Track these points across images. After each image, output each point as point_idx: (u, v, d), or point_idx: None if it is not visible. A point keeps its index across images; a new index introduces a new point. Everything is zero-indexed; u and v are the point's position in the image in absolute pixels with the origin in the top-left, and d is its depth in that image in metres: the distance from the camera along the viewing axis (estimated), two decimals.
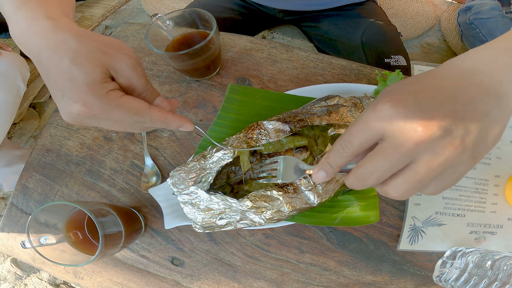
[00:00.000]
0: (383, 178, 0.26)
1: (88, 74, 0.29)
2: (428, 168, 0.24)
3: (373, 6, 0.86)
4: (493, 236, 0.51)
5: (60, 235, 0.41)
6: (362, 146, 0.26)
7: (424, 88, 0.26)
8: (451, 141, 0.24)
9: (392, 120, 0.24)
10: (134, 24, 0.67)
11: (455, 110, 0.24)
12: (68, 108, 0.29)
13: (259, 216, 0.42)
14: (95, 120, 0.31)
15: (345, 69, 0.58)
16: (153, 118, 0.32)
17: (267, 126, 0.44)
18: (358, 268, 0.49)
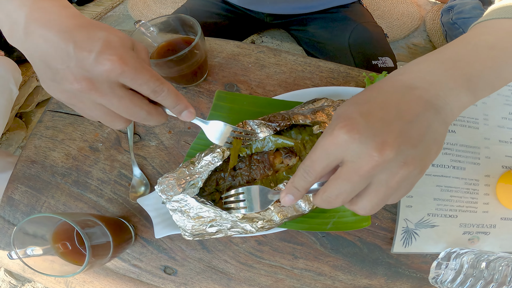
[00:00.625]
0: (348, 199, 0.29)
1: (124, 40, 0.31)
2: (388, 187, 0.27)
3: (360, 8, 0.86)
4: (486, 236, 0.51)
5: (47, 246, 0.40)
6: (324, 170, 0.29)
7: (373, 108, 0.28)
8: (403, 160, 0.26)
9: (349, 146, 0.27)
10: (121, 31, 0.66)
11: (402, 130, 0.27)
12: (98, 66, 0.29)
13: (250, 224, 0.41)
14: (111, 84, 0.30)
15: (333, 72, 0.58)
16: (171, 89, 0.33)
17: (251, 125, 0.44)
18: (353, 272, 0.49)
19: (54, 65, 0.29)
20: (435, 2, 1.37)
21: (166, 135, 0.55)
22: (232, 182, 0.47)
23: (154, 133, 0.55)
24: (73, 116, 0.57)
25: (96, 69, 0.29)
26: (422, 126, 0.27)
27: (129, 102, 0.31)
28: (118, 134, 0.56)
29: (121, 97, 0.31)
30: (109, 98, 0.30)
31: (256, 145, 0.45)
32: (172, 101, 0.33)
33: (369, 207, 0.29)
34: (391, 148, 0.26)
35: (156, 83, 0.31)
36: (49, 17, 0.29)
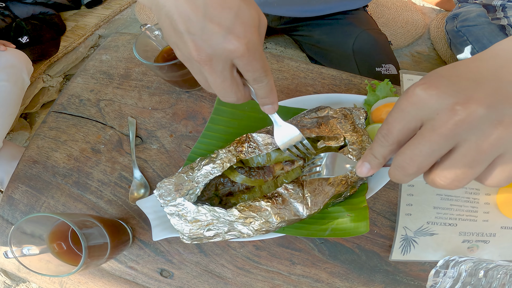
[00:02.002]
0: (426, 165, 0.24)
1: (254, 17, 0.30)
2: (478, 150, 0.22)
3: (364, 15, 0.87)
4: (486, 245, 0.50)
5: (43, 246, 0.40)
6: (402, 133, 0.25)
7: (461, 70, 0.24)
8: (499, 119, 0.21)
9: (426, 103, 0.23)
10: (125, 34, 0.67)
11: (498, 88, 0.22)
12: (225, 44, 0.29)
13: (247, 227, 0.41)
14: (226, 64, 0.31)
15: (335, 79, 0.58)
16: (270, 82, 0.33)
17: (256, 139, 0.44)
18: (351, 279, 0.48)
19: (179, 27, 0.30)
20: (440, 10, 1.37)
21: (168, 139, 0.55)
22: (232, 188, 0.47)
23: (155, 136, 0.56)
24: (77, 117, 0.58)
25: (220, 46, 0.29)
26: None
27: (228, 86, 0.32)
28: (120, 136, 0.56)
29: (225, 79, 0.32)
30: (215, 76, 0.31)
31: (257, 160, 0.46)
32: (264, 93, 0.34)
33: (451, 175, 0.23)
34: (480, 102, 0.21)
35: (261, 73, 0.32)
36: None
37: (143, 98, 0.59)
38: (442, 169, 0.23)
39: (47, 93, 1.35)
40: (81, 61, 1.46)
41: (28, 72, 1.10)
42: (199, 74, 0.33)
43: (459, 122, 0.21)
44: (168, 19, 0.30)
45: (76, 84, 0.61)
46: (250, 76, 0.32)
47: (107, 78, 0.61)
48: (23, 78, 1.07)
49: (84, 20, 1.51)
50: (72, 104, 0.59)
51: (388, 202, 0.51)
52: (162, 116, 0.57)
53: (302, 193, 0.41)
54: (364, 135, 0.45)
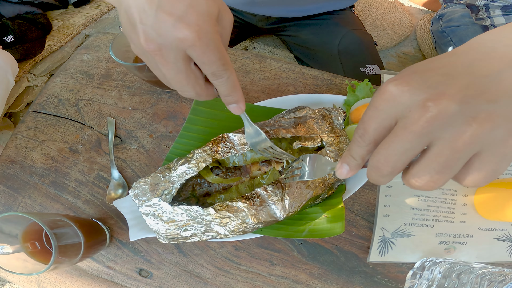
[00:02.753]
0: (400, 165, 0.23)
1: (210, 7, 0.29)
2: (452, 149, 0.21)
3: (350, 15, 0.88)
4: (463, 246, 0.51)
5: (17, 245, 0.40)
6: (378, 132, 0.24)
7: (435, 65, 0.23)
8: (473, 116, 0.20)
9: (398, 100, 0.22)
10: (107, 34, 0.67)
11: (472, 83, 0.21)
12: (173, 32, 0.28)
13: (223, 227, 0.41)
14: (178, 54, 0.29)
15: (316, 79, 0.59)
16: (231, 77, 0.32)
17: (232, 139, 0.43)
18: (330, 280, 0.49)
19: (134, 19, 0.29)
20: (427, 10, 1.39)
21: (147, 139, 0.55)
22: (209, 188, 0.47)
23: (135, 136, 0.55)
24: (55, 117, 0.57)
25: (169, 34, 0.28)
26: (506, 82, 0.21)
27: (184, 79, 0.31)
28: (99, 136, 0.55)
29: (179, 71, 0.30)
30: (168, 67, 0.30)
31: (233, 159, 0.45)
32: (226, 89, 0.32)
33: (425, 176, 0.22)
34: (452, 98, 0.20)
35: (219, 67, 0.30)
36: None
37: (123, 98, 0.58)
38: (417, 169, 0.23)
39: (32, 92, 1.33)
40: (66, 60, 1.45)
41: (13, 73, 1.09)
42: (156, 68, 0.32)
43: (431, 119, 0.21)
44: (126, 13, 0.30)
45: (56, 83, 0.60)
46: (207, 69, 0.30)
47: (87, 77, 0.61)
48: (7, 79, 1.06)
49: (71, 19, 1.49)
50: (50, 103, 0.58)
51: (366, 203, 0.51)
52: (142, 116, 0.57)
53: (281, 196, 0.41)
54: (342, 136, 0.45)
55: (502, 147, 0.21)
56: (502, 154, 0.21)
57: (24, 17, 1.37)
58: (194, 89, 0.32)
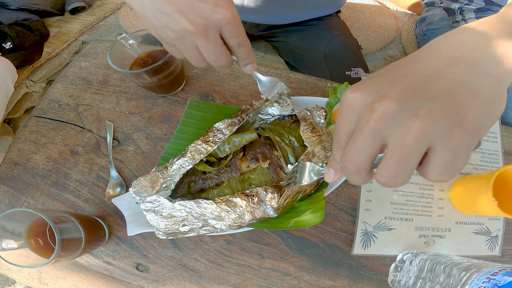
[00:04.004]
0: (363, 164, 0.25)
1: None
2: (402, 145, 0.22)
3: (337, 20, 0.91)
4: (442, 240, 0.53)
5: (21, 242, 0.43)
6: (347, 136, 0.26)
7: (385, 70, 0.26)
8: (414, 112, 0.22)
9: (353, 105, 0.25)
10: (104, 42, 0.70)
11: (412, 83, 0.24)
12: (214, 14, 0.35)
13: (220, 222, 0.44)
14: (216, 31, 0.36)
15: (301, 82, 0.62)
16: (249, 45, 0.39)
17: (218, 127, 0.48)
18: (317, 273, 0.51)
19: (168, 10, 0.35)
20: (412, 14, 1.42)
21: (144, 141, 0.58)
22: (203, 185, 0.50)
23: (132, 138, 0.58)
24: (56, 121, 0.60)
25: (211, 17, 0.35)
26: (445, 80, 0.23)
27: (221, 51, 0.38)
28: (98, 139, 0.59)
29: (217, 45, 0.37)
30: (210, 44, 0.36)
31: (224, 148, 0.49)
32: (246, 54, 0.40)
33: (386, 172, 0.24)
34: (392, 99, 0.23)
35: (243, 38, 0.38)
36: None
37: (120, 103, 0.62)
38: (379, 167, 0.24)
39: (30, 98, 1.35)
40: (64, 67, 1.47)
41: (12, 79, 1.11)
42: (192, 48, 0.38)
43: (377, 119, 0.23)
44: (154, 5, 0.35)
45: (56, 89, 0.64)
46: (235, 41, 0.37)
47: (86, 84, 0.64)
48: (7, 85, 1.07)
49: (68, 26, 1.51)
50: (51, 109, 0.62)
51: (349, 198, 0.55)
52: (139, 120, 0.60)
53: (278, 198, 0.44)
54: (324, 134, 0.49)
55: (449, 139, 0.22)
56: (452, 147, 0.22)
57: (22, 24, 1.39)
58: (227, 57, 0.39)
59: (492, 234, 0.55)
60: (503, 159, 0.58)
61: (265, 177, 0.49)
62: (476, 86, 0.23)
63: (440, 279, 0.39)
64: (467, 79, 0.23)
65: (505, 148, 0.59)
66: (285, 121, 0.52)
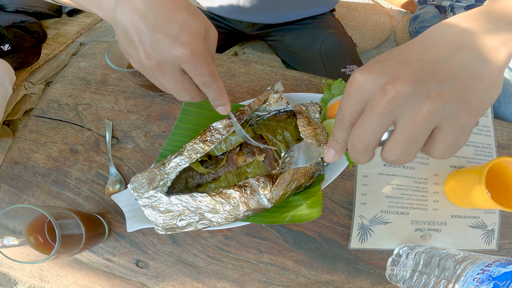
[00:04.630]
0: (372, 143, 0.26)
1: (199, 27, 0.34)
2: (413, 124, 0.24)
3: (331, 19, 0.93)
4: (438, 233, 0.54)
5: (22, 239, 0.43)
6: (353, 116, 0.27)
7: (393, 54, 0.27)
8: (425, 94, 0.24)
9: (364, 86, 0.26)
10: (102, 42, 0.71)
11: (423, 67, 0.25)
12: (170, 51, 0.32)
13: (216, 215, 0.45)
14: (174, 68, 0.34)
15: (297, 80, 0.63)
16: (218, 85, 0.37)
17: (216, 126, 0.48)
18: (315, 267, 0.52)
19: (132, 38, 0.33)
20: (406, 12, 1.43)
21: (142, 139, 0.59)
22: (200, 180, 0.51)
23: (131, 136, 0.59)
24: (56, 121, 0.61)
25: (166, 53, 0.33)
26: (452, 65, 0.25)
27: (181, 87, 0.36)
28: (97, 137, 0.59)
29: (177, 81, 0.35)
30: (167, 79, 0.35)
31: (220, 146, 0.50)
32: (215, 96, 0.38)
33: (396, 150, 0.25)
34: (405, 81, 0.24)
35: (209, 78, 0.35)
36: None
37: (119, 102, 0.62)
38: (388, 145, 0.26)
39: (29, 100, 1.36)
40: (62, 68, 1.48)
41: (10, 81, 1.11)
42: (154, 78, 0.37)
43: (391, 99, 0.24)
44: (123, 31, 0.34)
45: (55, 90, 0.64)
46: (199, 80, 0.35)
47: (85, 83, 0.65)
48: (5, 87, 1.08)
49: (65, 28, 1.52)
50: (51, 108, 0.62)
51: (345, 192, 0.55)
52: (137, 118, 0.61)
53: (270, 187, 0.45)
54: (319, 128, 0.50)
55: (456, 119, 0.24)
56: (458, 126, 0.24)
57: (19, 26, 1.40)
58: (189, 94, 0.37)
59: (488, 227, 0.55)
60: (496, 152, 0.59)
61: (261, 170, 0.50)
62: (480, 71, 0.25)
63: (436, 272, 0.40)
64: (471, 65, 0.25)
65: (498, 141, 0.60)
66: (281, 116, 0.53)
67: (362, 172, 0.56)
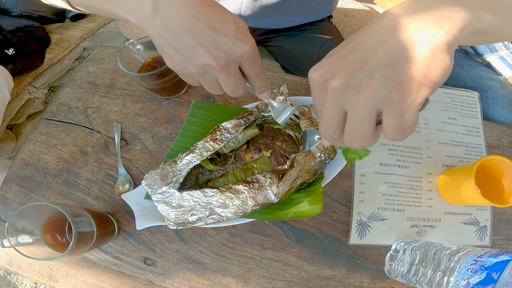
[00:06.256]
0: (334, 131, 0.31)
1: (245, 25, 0.36)
2: (356, 112, 0.27)
3: (329, 25, 0.96)
4: (433, 230, 0.57)
5: (36, 237, 0.45)
6: (321, 107, 0.31)
7: (337, 49, 0.30)
8: (359, 85, 0.27)
9: (315, 83, 0.30)
10: (110, 48, 0.73)
11: (355, 58, 0.28)
12: (235, 49, 0.34)
13: (226, 210, 0.47)
14: (236, 65, 0.36)
15: (297, 84, 0.66)
16: (265, 75, 0.40)
17: (226, 126, 0.51)
18: (317, 262, 0.54)
19: (189, 43, 0.33)
20: None
21: (150, 140, 0.61)
22: (209, 176, 0.53)
23: (139, 138, 0.62)
24: (66, 123, 0.63)
25: (233, 51, 0.34)
26: (383, 50, 0.27)
27: (239, 83, 0.38)
28: (107, 139, 0.62)
29: (236, 78, 0.37)
30: (230, 77, 0.37)
31: (229, 144, 0.53)
32: (262, 83, 0.41)
33: (352, 138, 0.29)
34: (339, 76, 0.27)
35: (261, 68, 0.38)
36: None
37: (127, 105, 0.65)
38: (345, 133, 0.30)
39: (33, 104, 1.38)
40: (65, 73, 1.50)
41: (8, 87, 1.08)
42: (211, 80, 0.38)
43: (331, 94, 0.28)
44: (174, 37, 0.34)
45: (65, 93, 0.67)
46: (254, 72, 0.38)
47: (94, 87, 0.67)
48: (3, 94, 1.06)
49: (69, 33, 1.55)
50: (61, 111, 0.65)
51: (344, 191, 0.58)
52: (145, 121, 0.63)
53: (277, 183, 0.47)
54: None
55: (391, 103, 0.26)
56: (396, 109, 0.26)
57: (24, 30, 1.42)
58: (243, 88, 0.39)
59: (480, 224, 0.58)
60: (486, 152, 0.62)
61: (267, 165, 0.52)
62: (412, 51, 0.26)
63: (432, 265, 0.42)
64: (403, 46, 0.26)
65: (488, 141, 0.63)
66: None
67: (359, 171, 0.58)
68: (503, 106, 0.75)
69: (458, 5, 0.27)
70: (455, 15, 0.26)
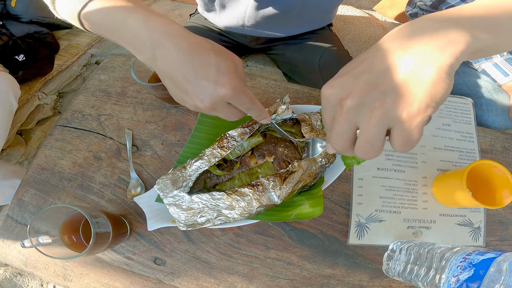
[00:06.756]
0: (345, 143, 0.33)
1: (229, 66, 0.38)
2: (368, 129, 0.29)
3: (329, 33, 0.99)
4: (428, 231, 0.59)
5: (55, 237, 0.48)
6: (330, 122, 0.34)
7: (349, 69, 0.32)
8: (372, 105, 0.29)
9: (329, 99, 0.32)
10: (120, 56, 0.77)
11: (369, 80, 0.29)
12: (216, 93, 0.37)
13: (232, 211, 0.50)
14: (223, 104, 0.40)
15: (298, 92, 0.69)
16: (258, 106, 0.42)
17: (232, 134, 0.54)
18: (318, 262, 0.57)
19: (181, 86, 0.38)
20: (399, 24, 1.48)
21: (160, 147, 0.65)
22: (217, 181, 0.57)
23: (149, 144, 0.65)
24: (80, 130, 0.67)
25: (214, 95, 0.38)
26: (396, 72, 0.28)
27: (230, 114, 0.42)
28: (119, 145, 0.65)
29: (226, 111, 0.41)
30: (219, 112, 0.41)
31: (235, 151, 0.56)
32: (257, 114, 0.43)
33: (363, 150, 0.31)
34: (354, 96, 0.29)
35: (250, 104, 0.41)
36: (165, 38, 0.37)
37: (137, 113, 0.68)
38: (357, 146, 0.32)
39: (42, 110, 1.41)
40: (74, 79, 1.53)
41: (15, 96, 1.09)
42: (208, 113, 0.42)
43: (346, 112, 0.30)
44: (170, 79, 0.39)
45: (79, 101, 0.70)
46: (243, 108, 0.41)
47: (106, 95, 0.71)
48: (10, 102, 1.06)
49: (77, 39, 1.57)
50: (75, 118, 0.68)
51: (343, 194, 0.61)
52: (155, 128, 0.67)
53: (280, 185, 0.50)
54: (320, 134, 0.56)
55: (402, 122, 0.29)
56: (405, 127, 0.29)
57: (33, 36, 1.43)
58: (237, 116, 0.43)
59: (474, 225, 0.60)
60: (479, 156, 0.65)
61: (270, 170, 0.55)
62: (421, 74, 0.28)
63: (425, 263, 0.44)
64: (412, 70, 0.28)
65: (481, 146, 0.66)
66: (287, 123, 0.59)
67: (358, 175, 0.61)
68: (496, 113, 0.78)
69: (459, 28, 0.29)
70: (459, 39, 0.29)
